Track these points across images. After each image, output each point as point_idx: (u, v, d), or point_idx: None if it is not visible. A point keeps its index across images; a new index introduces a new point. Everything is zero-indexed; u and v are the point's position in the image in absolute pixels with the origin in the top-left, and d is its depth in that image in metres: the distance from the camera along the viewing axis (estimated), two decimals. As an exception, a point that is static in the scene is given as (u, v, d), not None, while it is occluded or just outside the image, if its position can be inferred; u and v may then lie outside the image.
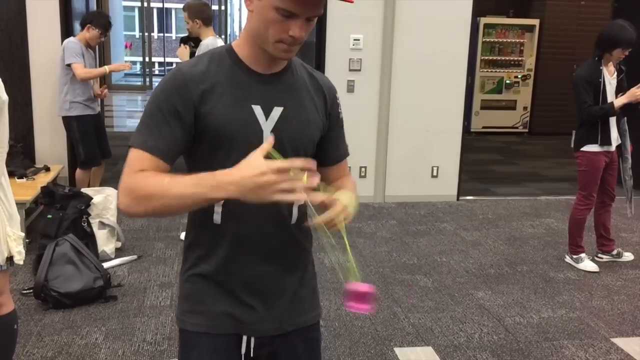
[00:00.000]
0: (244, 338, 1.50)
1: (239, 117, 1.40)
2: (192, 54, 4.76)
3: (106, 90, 5.34)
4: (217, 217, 1.44)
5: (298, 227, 1.50)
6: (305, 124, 1.47)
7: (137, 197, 1.29)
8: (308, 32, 1.38)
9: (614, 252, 4.60)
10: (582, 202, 4.36)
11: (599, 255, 4.61)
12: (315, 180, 1.23)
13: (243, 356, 1.51)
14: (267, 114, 1.42)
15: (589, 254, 4.56)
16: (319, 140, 1.54)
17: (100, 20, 4.96)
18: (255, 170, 1.18)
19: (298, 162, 1.22)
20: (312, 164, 1.24)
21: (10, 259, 2.40)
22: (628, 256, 4.63)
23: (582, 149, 4.26)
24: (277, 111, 1.42)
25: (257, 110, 1.41)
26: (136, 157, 1.34)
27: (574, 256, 4.47)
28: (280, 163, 1.18)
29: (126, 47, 5.94)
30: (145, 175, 1.31)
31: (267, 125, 1.41)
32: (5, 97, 2.32)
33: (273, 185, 1.18)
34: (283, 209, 1.47)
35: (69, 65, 4.84)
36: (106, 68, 4.93)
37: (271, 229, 1.46)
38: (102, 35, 5.01)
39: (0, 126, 2.33)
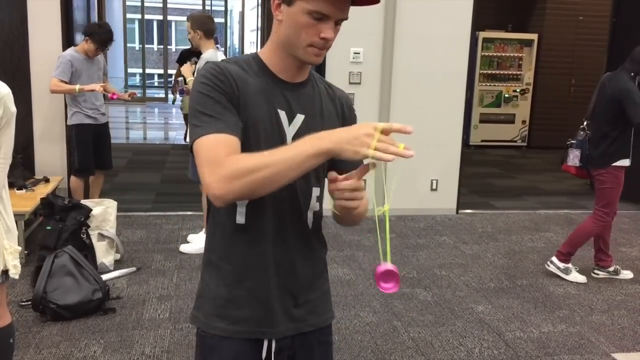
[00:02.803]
0: (265, 343, 1.52)
1: (267, 118, 1.44)
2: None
3: (132, 92, 5.57)
4: (240, 218, 1.47)
5: (314, 233, 1.55)
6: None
7: (242, 172, 1.26)
8: (336, 36, 1.43)
9: (611, 269, 4.56)
10: (602, 218, 4.32)
11: (596, 271, 4.58)
12: (411, 152, 1.24)
13: None
14: (290, 120, 1.47)
15: (586, 270, 4.55)
16: None
17: (100, 35, 4.90)
18: (360, 126, 1.25)
19: (397, 125, 1.25)
20: (410, 129, 1.25)
21: (5, 272, 2.39)
22: (626, 274, 4.59)
23: (614, 164, 4.20)
24: (299, 118, 1.47)
25: (282, 115, 1.46)
26: (215, 144, 1.30)
27: (562, 266, 4.47)
28: (384, 124, 1.23)
29: (111, 99, 5.32)
30: (239, 157, 1.29)
31: (290, 130, 1.46)
32: (14, 109, 2.33)
33: (369, 140, 1.22)
34: (302, 213, 1.51)
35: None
36: (76, 88, 4.90)
37: (293, 230, 1.50)
38: (99, 50, 4.99)
39: (7, 138, 2.33)
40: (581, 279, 4.43)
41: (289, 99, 1.48)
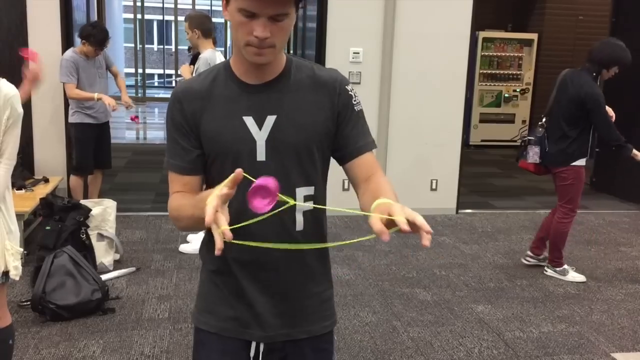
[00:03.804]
0: (253, 344, 1.53)
1: (229, 129, 1.43)
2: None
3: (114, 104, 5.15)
4: None
5: (304, 235, 1.49)
6: (302, 127, 1.45)
7: (172, 219, 1.51)
8: (282, 34, 1.36)
9: (541, 257, 4.68)
10: (568, 215, 4.40)
11: (527, 258, 4.69)
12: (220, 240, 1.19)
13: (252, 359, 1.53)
14: (260, 124, 1.43)
15: (586, 270, 4.54)
16: (336, 137, 1.50)
17: (97, 36, 4.90)
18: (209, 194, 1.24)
19: (225, 190, 1.21)
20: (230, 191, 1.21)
21: (6, 273, 2.38)
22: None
23: (573, 163, 4.27)
24: (270, 120, 1.44)
25: (249, 121, 1.43)
26: (170, 179, 1.54)
27: (558, 268, 4.50)
28: (218, 193, 1.20)
29: (132, 119, 5.29)
30: (173, 200, 1.50)
31: (261, 134, 1.43)
32: (20, 110, 2.33)
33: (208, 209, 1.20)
34: (285, 216, 1.45)
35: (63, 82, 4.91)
36: (95, 96, 4.92)
37: (273, 235, 1.46)
38: (98, 51, 4.98)
39: (12, 139, 2.33)
40: (580, 278, 4.44)
41: (258, 102, 1.44)
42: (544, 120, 4.48)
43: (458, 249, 5.11)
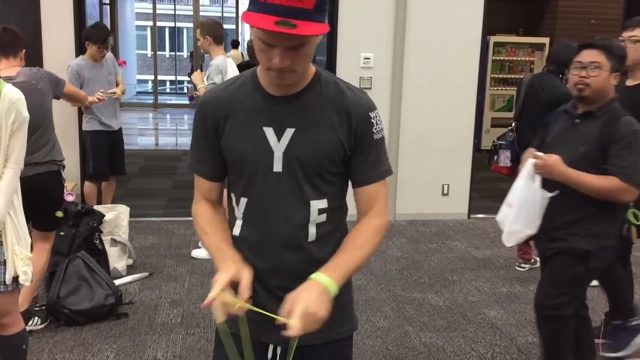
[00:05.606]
0: (270, 346, 1.54)
1: (248, 139, 1.46)
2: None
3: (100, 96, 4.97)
4: (236, 230, 1.55)
5: (317, 245, 1.52)
6: (318, 144, 1.46)
7: (195, 225, 1.61)
8: (302, 60, 1.36)
9: (532, 260, 4.72)
10: None
11: (522, 265, 4.73)
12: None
13: None
14: (279, 136, 1.45)
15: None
16: (350, 161, 1.51)
17: (95, 35, 4.93)
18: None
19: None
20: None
21: (16, 278, 2.39)
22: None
23: None
24: (289, 132, 1.45)
25: (269, 132, 1.45)
26: (196, 182, 1.61)
27: (530, 260, 4.62)
28: (220, 284, 1.39)
29: (120, 64, 5.43)
30: (198, 214, 1.59)
31: (279, 146, 1.45)
32: (26, 114, 2.35)
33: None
34: (297, 227, 1.49)
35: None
36: (87, 99, 4.88)
37: (284, 245, 1.48)
38: (101, 49, 4.99)
39: (18, 143, 2.34)
40: (593, 282, 4.41)
41: (279, 114, 1.45)
42: (513, 125, 4.55)
43: (470, 253, 5.10)
